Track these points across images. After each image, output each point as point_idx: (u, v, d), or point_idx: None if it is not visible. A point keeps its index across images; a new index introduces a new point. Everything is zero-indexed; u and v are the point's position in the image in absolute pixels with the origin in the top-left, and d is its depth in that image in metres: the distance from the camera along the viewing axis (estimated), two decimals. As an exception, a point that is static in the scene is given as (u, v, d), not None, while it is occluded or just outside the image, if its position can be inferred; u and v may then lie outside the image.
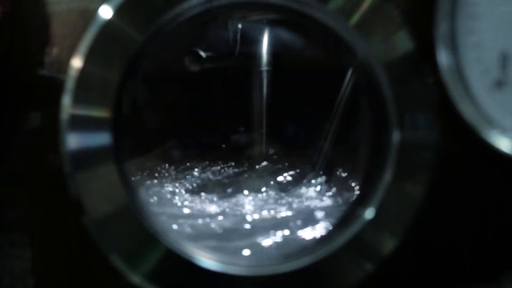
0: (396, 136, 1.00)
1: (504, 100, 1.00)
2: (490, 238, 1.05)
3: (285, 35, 1.54)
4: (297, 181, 1.46)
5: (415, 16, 1.00)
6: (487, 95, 1.00)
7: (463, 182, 1.04)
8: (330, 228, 1.07)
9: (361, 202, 1.02)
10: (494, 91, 1.00)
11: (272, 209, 1.34)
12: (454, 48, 0.99)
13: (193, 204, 1.37)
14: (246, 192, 1.43)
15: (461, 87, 0.99)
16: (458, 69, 0.99)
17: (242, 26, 1.54)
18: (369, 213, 1.00)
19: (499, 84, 1.00)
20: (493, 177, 1.04)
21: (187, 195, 1.41)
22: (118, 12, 0.97)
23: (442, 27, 0.99)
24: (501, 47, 1.00)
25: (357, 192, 1.17)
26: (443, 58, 0.99)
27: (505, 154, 1.01)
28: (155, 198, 1.37)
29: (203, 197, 1.41)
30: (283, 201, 1.38)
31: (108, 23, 0.97)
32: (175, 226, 1.23)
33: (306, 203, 1.36)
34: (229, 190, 1.44)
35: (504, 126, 1.00)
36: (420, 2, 1.01)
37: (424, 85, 1.00)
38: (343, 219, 1.04)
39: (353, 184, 1.36)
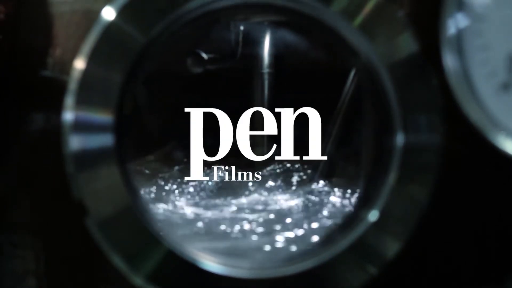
0: (400, 139, 1.00)
1: (511, 102, 1.00)
2: (495, 240, 1.05)
3: (287, 36, 1.54)
4: (299, 183, 1.46)
5: (420, 17, 1.00)
6: (494, 98, 0.99)
7: (468, 185, 1.03)
8: (334, 230, 1.06)
9: (365, 204, 1.01)
10: (501, 94, 1.00)
11: (274, 211, 1.34)
12: (460, 50, 0.99)
13: (194, 206, 1.37)
14: (247, 194, 1.43)
15: (467, 90, 0.99)
16: (464, 71, 0.99)
17: (244, 28, 1.54)
18: (372, 216, 1.00)
19: (506, 86, 0.99)
20: (499, 180, 1.03)
21: (188, 197, 1.41)
22: (121, 13, 0.96)
23: (447, 29, 0.99)
24: (508, 49, 0.99)
25: (360, 195, 1.17)
26: (448, 60, 0.99)
27: (511, 157, 1.01)
28: (157, 199, 1.37)
29: (204, 199, 1.41)
30: (285, 203, 1.38)
31: (111, 25, 0.96)
32: (176, 228, 1.23)
33: (308, 205, 1.36)
34: (230, 192, 1.44)
35: (510, 129, 1.00)
36: (425, 3, 1.00)
37: (429, 87, 0.99)
38: (346, 222, 1.04)
39: (356, 187, 1.36)
